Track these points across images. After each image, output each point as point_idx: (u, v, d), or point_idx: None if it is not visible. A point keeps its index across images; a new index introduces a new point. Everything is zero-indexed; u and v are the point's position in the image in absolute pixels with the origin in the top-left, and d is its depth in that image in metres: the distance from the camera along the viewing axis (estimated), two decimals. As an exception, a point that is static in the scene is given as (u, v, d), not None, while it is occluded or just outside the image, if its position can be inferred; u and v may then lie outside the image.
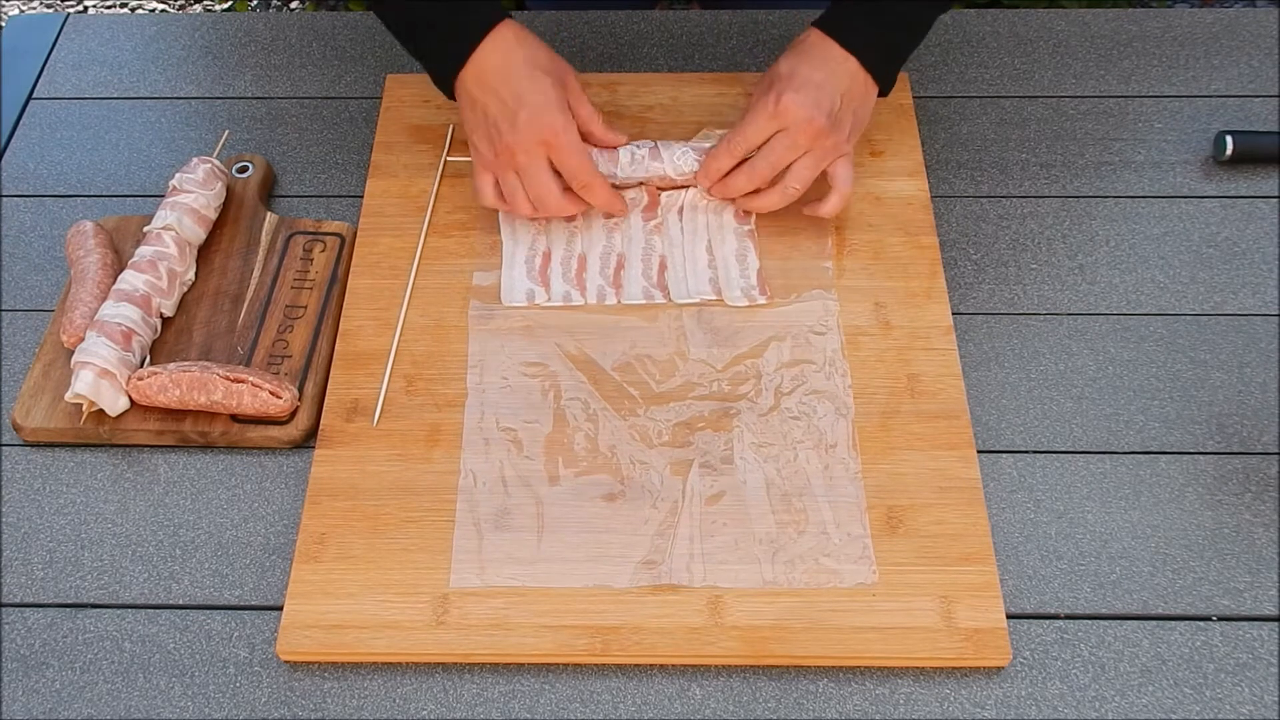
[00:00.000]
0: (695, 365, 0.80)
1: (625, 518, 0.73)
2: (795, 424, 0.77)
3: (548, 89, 0.81)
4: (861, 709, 0.67)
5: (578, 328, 0.82)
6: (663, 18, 1.04)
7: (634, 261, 0.85)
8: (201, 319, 0.83)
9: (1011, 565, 0.72)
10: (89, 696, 0.68)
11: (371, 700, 0.68)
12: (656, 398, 0.78)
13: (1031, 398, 0.80)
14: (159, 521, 0.75)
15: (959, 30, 1.03)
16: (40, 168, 0.95)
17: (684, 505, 0.73)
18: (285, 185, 0.94)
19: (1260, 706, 0.67)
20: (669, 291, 0.84)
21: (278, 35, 1.04)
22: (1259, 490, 0.76)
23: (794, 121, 0.80)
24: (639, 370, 0.80)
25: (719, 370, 0.80)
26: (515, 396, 0.79)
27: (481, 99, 0.81)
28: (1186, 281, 0.86)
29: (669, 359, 0.80)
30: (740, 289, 0.84)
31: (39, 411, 0.78)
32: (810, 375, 0.79)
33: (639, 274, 0.85)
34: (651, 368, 0.80)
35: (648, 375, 0.79)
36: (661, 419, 0.77)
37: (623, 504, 0.74)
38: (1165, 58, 1.00)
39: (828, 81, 0.81)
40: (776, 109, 0.80)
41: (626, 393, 0.79)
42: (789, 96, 0.80)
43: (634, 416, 0.77)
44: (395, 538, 0.72)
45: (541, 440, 0.76)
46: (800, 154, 0.81)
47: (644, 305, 0.83)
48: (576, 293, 0.84)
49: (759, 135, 0.82)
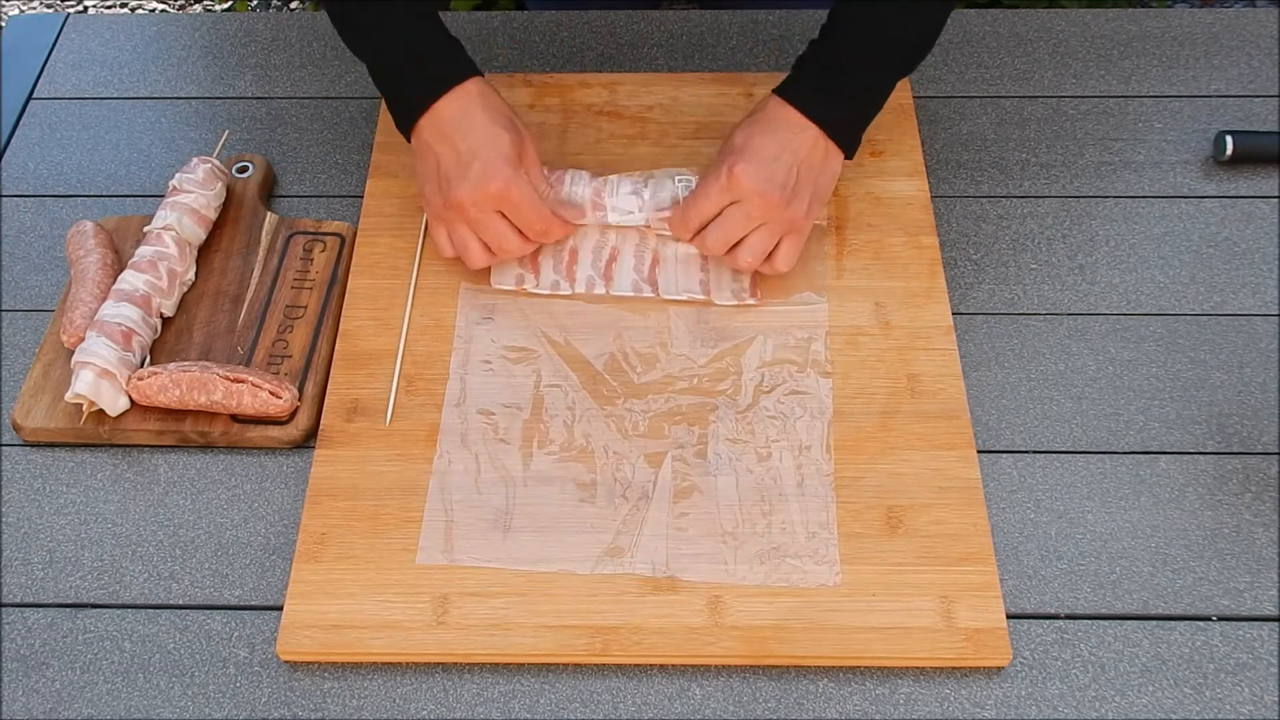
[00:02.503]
0: (677, 359, 0.80)
1: (595, 506, 0.73)
2: (771, 423, 0.77)
3: (504, 145, 0.79)
4: (861, 709, 0.67)
5: (564, 315, 0.83)
6: (663, 18, 1.04)
7: (626, 255, 0.85)
8: (201, 319, 0.83)
9: (1011, 565, 0.72)
10: (89, 696, 0.68)
11: (371, 700, 0.68)
12: (636, 390, 0.79)
13: (1031, 398, 0.80)
14: (159, 521, 0.75)
15: (959, 30, 1.03)
16: (40, 168, 0.95)
17: (654, 496, 0.74)
18: (285, 185, 0.94)
19: (1260, 706, 0.67)
20: (658, 287, 0.84)
21: (278, 35, 1.04)
22: (1259, 490, 0.76)
23: (746, 194, 0.78)
24: (621, 362, 0.80)
25: (700, 365, 0.80)
26: (496, 380, 0.79)
27: (436, 149, 0.80)
28: (1186, 281, 0.86)
29: (651, 351, 0.81)
30: (731, 290, 0.83)
31: (39, 411, 0.78)
32: (791, 376, 0.79)
33: (630, 268, 0.85)
34: (634, 359, 0.80)
35: (629, 367, 0.80)
36: (639, 410, 0.78)
37: (594, 492, 0.74)
38: (1165, 58, 1.00)
39: (783, 153, 0.79)
40: (729, 181, 0.78)
41: (607, 383, 0.79)
42: (740, 168, 0.78)
43: (611, 407, 0.78)
44: (395, 538, 0.72)
45: (519, 425, 0.77)
46: (755, 225, 0.79)
47: (632, 298, 0.84)
48: (565, 283, 0.84)
49: (712, 207, 0.80)
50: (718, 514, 0.73)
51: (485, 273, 0.85)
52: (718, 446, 0.76)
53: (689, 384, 0.79)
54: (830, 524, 0.72)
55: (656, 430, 0.77)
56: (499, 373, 0.79)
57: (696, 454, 0.76)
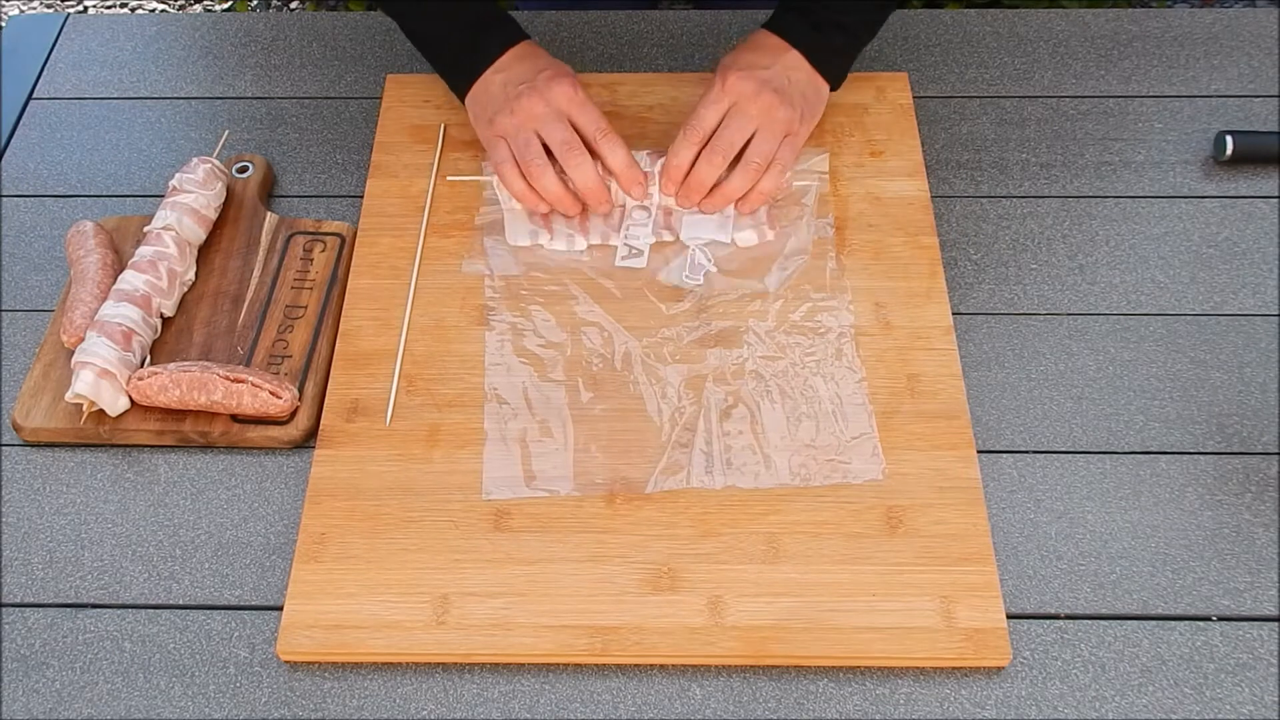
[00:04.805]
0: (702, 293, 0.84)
1: (646, 431, 0.76)
2: (801, 338, 0.81)
3: (565, 69, 0.85)
4: (861, 709, 0.67)
5: (585, 262, 0.86)
6: (663, 18, 1.04)
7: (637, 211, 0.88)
8: (201, 319, 0.83)
9: (1011, 565, 0.72)
10: (89, 696, 0.68)
11: (371, 700, 0.68)
12: (668, 320, 0.82)
13: (1031, 398, 0.80)
14: (159, 521, 0.75)
15: (959, 30, 1.03)
16: (40, 168, 0.95)
17: (700, 417, 0.77)
18: (285, 185, 0.94)
19: (1260, 706, 0.67)
20: (679, 233, 0.86)
21: (278, 35, 1.04)
22: (1259, 490, 0.76)
23: (742, 96, 0.83)
24: (649, 295, 0.83)
25: (725, 291, 0.83)
26: (533, 321, 0.82)
27: (499, 76, 0.85)
28: (1186, 281, 0.86)
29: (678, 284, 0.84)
30: (752, 228, 0.86)
31: (39, 411, 0.78)
32: (812, 295, 0.83)
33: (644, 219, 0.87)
34: (661, 290, 0.84)
35: (657, 298, 0.83)
36: (675, 338, 0.81)
37: (643, 419, 0.77)
38: (1165, 58, 1.00)
39: (773, 65, 0.85)
40: (724, 89, 0.84)
41: (639, 315, 0.82)
42: (734, 75, 0.84)
43: (649, 337, 0.81)
44: (395, 538, 0.72)
45: (562, 362, 0.80)
46: (754, 128, 0.84)
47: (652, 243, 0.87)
48: (580, 236, 0.86)
49: (712, 117, 0.84)
50: (762, 427, 0.76)
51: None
52: (754, 364, 0.79)
53: (719, 311, 0.82)
54: (871, 426, 0.76)
55: (694, 355, 0.80)
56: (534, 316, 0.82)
57: (734, 374, 0.79)
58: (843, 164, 0.91)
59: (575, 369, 0.80)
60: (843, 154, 0.92)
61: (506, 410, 0.78)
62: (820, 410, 0.77)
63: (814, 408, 0.77)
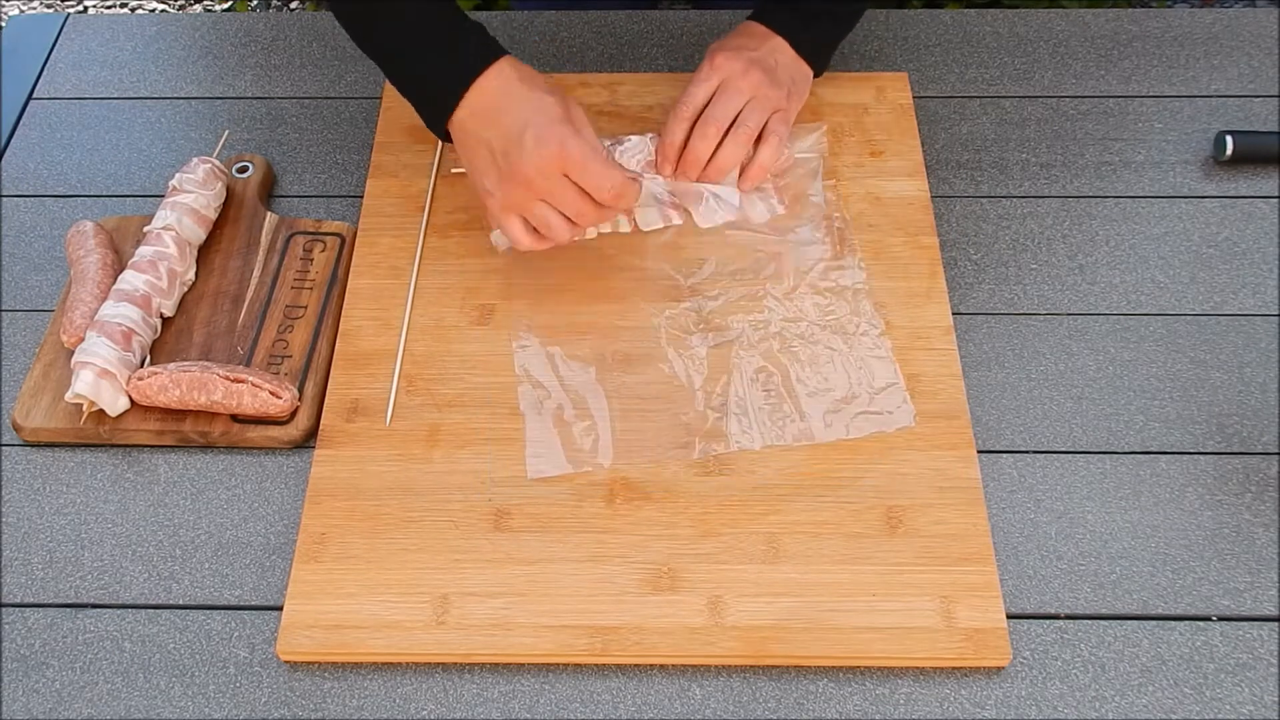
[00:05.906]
0: (718, 260, 0.85)
1: (679, 399, 0.78)
2: (819, 299, 0.83)
3: (552, 109, 0.75)
4: (861, 709, 0.67)
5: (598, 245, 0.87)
6: (663, 18, 1.05)
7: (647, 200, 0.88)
8: (201, 319, 0.83)
9: (1011, 565, 0.72)
10: (89, 696, 0.68)
11: (371, 700, 0.68)
12: (690, 290, 0.84)
13: (1031, 398, 0.80)
14: (159, 521, 0.75)
15: (959, 30, 1.03)
16: (40, 168, 0.95)
17: (731, 381, 0.79)
18: (285, 185, 0.94)
19: (1260, 706, 0.67)
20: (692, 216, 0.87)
21: (278, 35, 1.04)
22: (1259, 490, 0.76)
23: (731, 73, 0.85)
24: (668, 268, 0.85)
25: (741, 259, 0.85)
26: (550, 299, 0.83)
27: (482, 135, 0.76)
28: (1186, 281, 0.86)
29: (694, 257, 0.86)
30: (763, 205, 0.88)
31: (39, 411, 0.78)
32: (824, 255, 0.85)
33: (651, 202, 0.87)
34: (679, 262, 0.85)
35: (676, 271, 0.85)
36: (696, 308, 0.83)
37: (674, 388, 0.79)
38: (1165, 58, 1.00)
39: (760, 47, 0.87)
40: (712, 67, 0.86)
41: (659, 286, 0.84)
42: (722, 54, 0.86)
43: (671, 307, 0.83)
44: (395, 538, 0.72)
45: (589, 338, 0.81)
46: (744, 101, 0.85)
47: (662, 229, 0.87)
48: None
49: (702, 94, 0.86)
50: (792, 387, 0.78)
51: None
52: (777, 327, 0.81)
53: (737, 279, 0.84)
54: (897, 375, 0.79)
55: (717, 323, 0.82)
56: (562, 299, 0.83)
57: (760, 339, 0.81)
58: (843, 164, 0.91)
59: (603, 343, 0.81)
60: (843, 154, 0.92)
61: (541, 392, 0.78)
62: (847, 364, 0.79)
63: (839, 363, 0.79)
